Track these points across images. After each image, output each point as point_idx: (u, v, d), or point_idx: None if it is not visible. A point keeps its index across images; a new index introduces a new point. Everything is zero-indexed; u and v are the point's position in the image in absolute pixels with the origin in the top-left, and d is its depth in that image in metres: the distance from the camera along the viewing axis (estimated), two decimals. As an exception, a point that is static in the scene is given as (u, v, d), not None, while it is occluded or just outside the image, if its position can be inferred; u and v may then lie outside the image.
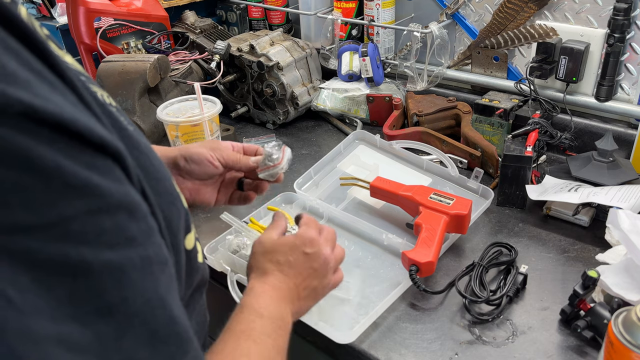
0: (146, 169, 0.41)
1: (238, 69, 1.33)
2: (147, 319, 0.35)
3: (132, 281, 0.34)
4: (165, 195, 0.43)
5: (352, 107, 1.33)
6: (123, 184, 0.35)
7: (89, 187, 0.32)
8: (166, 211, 0.43)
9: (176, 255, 0.44)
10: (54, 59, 0.34)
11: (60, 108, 0.31)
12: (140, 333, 0.34)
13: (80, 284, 0.31)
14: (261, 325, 0.55)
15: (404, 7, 1.35)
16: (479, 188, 0.98)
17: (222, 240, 0.89)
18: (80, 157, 0.32)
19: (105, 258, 0.32)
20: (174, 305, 0.38)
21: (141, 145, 0.42)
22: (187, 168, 0.74)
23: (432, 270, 0.80)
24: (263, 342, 0.53)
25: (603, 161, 0.95)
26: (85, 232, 0.32)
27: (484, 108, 1.13)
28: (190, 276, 0.50)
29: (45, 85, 0.32)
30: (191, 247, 0.49)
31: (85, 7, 1.23)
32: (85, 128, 0.32)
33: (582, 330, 0.69)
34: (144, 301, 0.35)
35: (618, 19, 1.01)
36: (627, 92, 1.09)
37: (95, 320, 0.32)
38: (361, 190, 0.99)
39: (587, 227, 0.92)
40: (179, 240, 0.45)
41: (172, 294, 0.38)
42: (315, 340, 0.75)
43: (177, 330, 0.37)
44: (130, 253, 0.34)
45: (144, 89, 1.17)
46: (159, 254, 0.37)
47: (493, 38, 1.21)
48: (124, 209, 0.34)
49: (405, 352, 0.71)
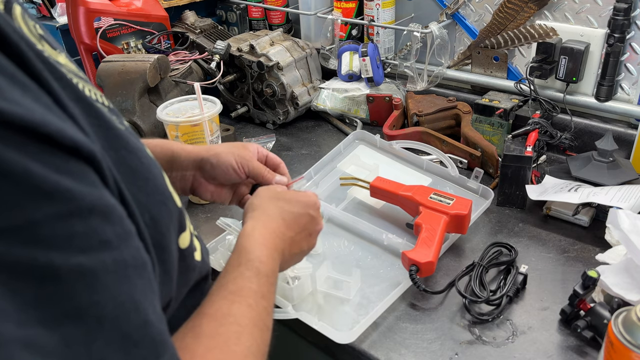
0: (134, 168, 0.41)
1: (238, 69, 1.33)
2: (119, 323, 0.34)
3: (104, 285, 0.34)
4: (154, 195, 0.43)
5: (352, 107, 1.33)
6: (97, 187, 0.35)
7: (59, 191, 0.32)
8: (154, 211, 0.42)
9: (163, 255, 0.43)
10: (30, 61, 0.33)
11: (30, 112, 0.31)
12: (111, 337, 0.34)
13: (48, 287, 0.31)
14: (258, 284, 0.54)
15: (404, 7, 1.35)
16: (479, 188, 0.98)
17: (222, 240, 0.89)
18: (50, 161, 0.32)
19: (75, 262, 0.32)
20: (149, 309, 0.37)
21: (130, 144, 0.42)
22: (212, 173, 0.75)
23: (432, 270, 0.80)
24: (258, 305, 0.52)
25: (603, 161, 0.95)
26: (55, 236, 0.31)
27: (484, 108, 1.13)
28: (186, 275, 0.50)
29: (16, 88, 0.31)
30: (186, 246, 0.49)
31: (85, 7, 1.23)
32: (57, 131, 0.32)
33: (582, 330, 0.69)
34: (117, 305, 0.34)
35: (618, 19, 1.01)
36: (627, 92, 1.09)
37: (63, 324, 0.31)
38: (361, 190, 0.99)
39: (587, 227, 0.92)
40: (168, 240, 0.44)
41: (149, 297, 0.38)
42: (315, 340, 0.75)
43: (151, 333, 0.37)
44: (104, 257, 0.34)
45: (144, 89, 1.17)
46: (135, 257, 0.37)
47: (493, 38, 1.21)
48: (97, 212, 0.34)
49: (405, 352, 0.71)
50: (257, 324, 0.51)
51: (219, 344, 0.47)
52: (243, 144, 0.78)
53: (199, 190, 0.77)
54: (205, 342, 0.46)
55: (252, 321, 0.50)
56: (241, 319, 0.50)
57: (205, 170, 0.75)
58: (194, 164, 0.75)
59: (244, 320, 0.50)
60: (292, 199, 0.68)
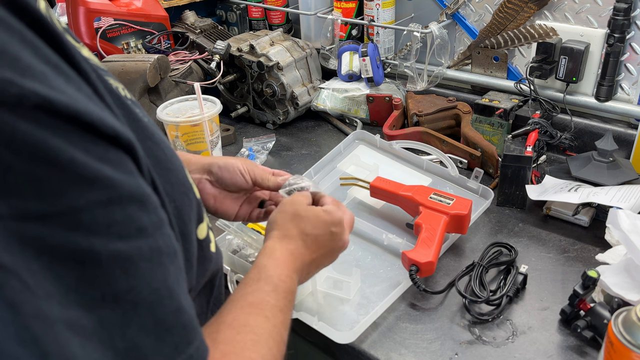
0: (159, 159, 0.42)
1: (238, 69, 1.33)
2: (154, 309, 0.35)
3: (140, 271, 0.35)
4: (177, 186, 0.44)
5: (352, 107, 1.33)
6: (134, 176, 0.36)
7: (101, 179, 0.33)
8: (178, 201, 0.43)
9: (186, 244, 0.45)
10: (70, 51, 0.34)
11: (74, 100, 0.32)
12: (145, 322, 0.35)
13: (88, 271, 0.32)
14: (276, 299, 0.55)
15: (404, 7, 1.35)
16: (479, 188, 0.98)
17: (222, 240, 0.89)
18: (93, 150, 0.33)
19: (114, 248, 0.33)
20: (181, 296, 0.38)
21: (155, 136, 0.43)
22: (219, 175, 0.75)
23: (432, 270, 0.80)
24: (275, 317, 0.53)
25: (603, 161, 0.95)
26: (96, 223, 0.32)
27: (484, 108, 1.13)
28: (203, 265, 0.51)
29: (60, 77, 0.32)
30: (203, 237, 0.50)
31: (85, 7, 1.24)
32: (99, 120, 0.33)
33: (582, 330, 0.69)
34: (152, 291, 0.35)
35: (618, 19, 1.01)
36: (627, 92, 1.09)
37: (101, 307, 0.33)
38: (361, 190, 0.99)
39: (587, 227, 0.92)
40: (190, 229, 0.46)
41: (181, 285, 0.39)
42: (315, 340, 0.75)
43: (183, 320, 0.38)
44: (140, 243, 0.35)
45: (144, 89, 1.17)
46: (168, 245, 0.38)
47: (493, 38, 1.21)
48: (135, 200, 0.35)
49: (405, 352, 0.71)
50: (273, 335, 0.52)
51: (236, 350, 0.47)
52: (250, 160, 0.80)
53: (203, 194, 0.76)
54: (222, 347, 0.47)
55: (268, 332, 0.51)
56: (258, 329, 0.51)
57: (213, 172, 0.75)
58: (202, 167, 0.76)
59: (260, 330, 0.51)
60: (313, 218, 0.66)
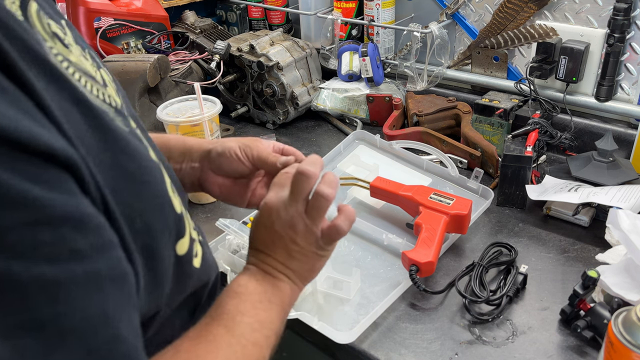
0: (129, 171, 0.40)
1: (238, 69, 1.33)
2: (85, 337, 0.33)
3: (71, 296, 0.33)
4: (150, 200, 0.42)
5: (352, 107, 1.33)
6: (73, 195, 0.34)
7: (28, 199, 0.31)
8: (148, 216, 0.41)
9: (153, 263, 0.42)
10: (11, 63, 0.33)
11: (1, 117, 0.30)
12: (73, 350, 0.33)
13: (6, 296, 0.30)
14: (235, 305, 0.54)
15: (404, 7, 1.35)
16: (479, 188, 0.98)
17: (222, 240, 0.89)
18: (21, 169, 0.31)
19: (39, 272, 0.31)
20: (122, 323, 0.36)
21: (130, 147, 0.41)
22: (217, 162, 0.71)
23: (432, 270, 0.80)
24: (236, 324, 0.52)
25: (603, 161, 0.95)
26: (19, 244, 0.31)
27: (484, 108, 1.13)
28: (182, 282, 0.49)
29: None
30: (183, 253, 0.48)
31: (85, 7, 1.24)
32: (29, 137, 0.31)
33: (582, 330, 0.69)
34: (84, 318, 0.33)
35: (618, 19, 1.01)
36: (627, 92, 1.09)
37: (19, 335, 0.31)
38: (361, 190, 0.99)
39: (587, 227, 0.92)
40: (160, 246, 0.43)
41: (126, 311, 0.37)
42: (315, 340, 0.75)
43: (122, 350, 0.36)
44: (73, 267, 0.33)
45: (144, 89, 1.17)
46: (113, 268, 0.36)
47: (493, 38, 1.21)
48: (70, 221, 0.33)
49: (405, 352, 0.71)
50: (233, 343, 0.50)
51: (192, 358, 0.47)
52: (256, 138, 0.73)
53: (206, 184, 0.73)
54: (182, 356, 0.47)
55: (227, 343, 0.50)
56: (216, 339, 0.50)
57: (212, 159, 0.71)
58: (202, 154, 0.72)
59: (219, 340, 0.50)
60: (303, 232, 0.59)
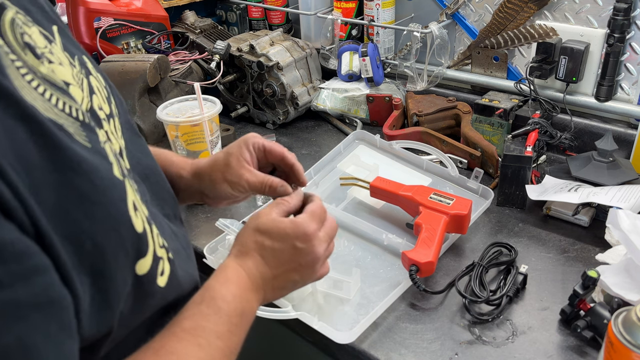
0: (82, 191, 0.39)
1: (238, 69, 1.33)
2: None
3: None
4: (104, 220, 0.41)
5: (352, 107, 1.33)
6: None
7: None
8: (99, 237, 0.40)
9: (103, 284, 0.41)
10: None
11: None
12: None
13: None
14: (215, 323, 0.52)
15: (404, 7, 1.35)
16: (479, 188, 0.98)
17: (222, 240, 0.89)
18: None
19: None
20: (48, 352, 0.35)
21: (82, 166, 0.40)
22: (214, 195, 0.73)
23: (432, 270, 0.80)
24: (210, 345, 0.50)
25: (603, 161, 0.95)
26: None
27: (484, 108, 1.13)
28: (142, 302, 0.48)
29: None
30: (144, 272, 0.47)
31: (85, 7, 1.24)
32: None
33: (582, 330, 0.69)
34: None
35: (618, 19, 1.01)
36: (627, 92, 1.09)
37: None
38: (361, 190, 0.99)
39: (587, 227, 0.92)
40: (113, 267, 0.42)
41: (54, 338, 0.35)
42: (315, 340, 0.75)
43: None
44: None
45: (144, 89, 1.17)
46: (37, 295, 0.35)
47: (493, 38, 1.21)
48: None
49: (405, 352, 0.71)
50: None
51: None
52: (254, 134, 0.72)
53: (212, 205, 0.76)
54: None
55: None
56: (185, 358, 0.48)
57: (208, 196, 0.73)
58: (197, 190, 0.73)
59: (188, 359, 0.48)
60: (275, 232, 0.60)
